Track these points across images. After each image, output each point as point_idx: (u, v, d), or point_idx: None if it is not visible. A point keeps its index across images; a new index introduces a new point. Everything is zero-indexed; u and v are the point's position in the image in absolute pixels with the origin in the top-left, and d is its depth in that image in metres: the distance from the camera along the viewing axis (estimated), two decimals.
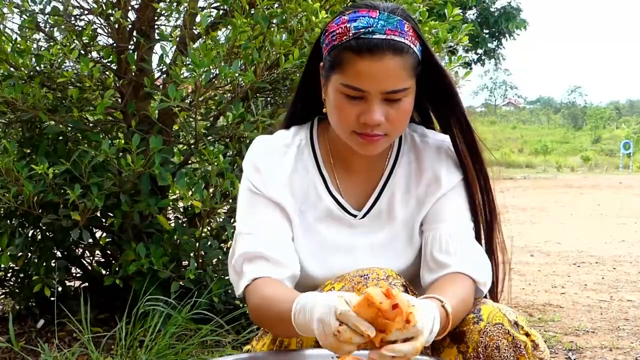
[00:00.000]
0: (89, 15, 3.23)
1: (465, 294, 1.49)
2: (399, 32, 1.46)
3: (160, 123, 3.13)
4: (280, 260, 1.54)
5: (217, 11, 3.29)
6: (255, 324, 1.56)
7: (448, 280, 1.52)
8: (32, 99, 2.92)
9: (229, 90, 3.20)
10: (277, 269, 1.53)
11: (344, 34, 1.47)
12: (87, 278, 3.59)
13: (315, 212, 1.63)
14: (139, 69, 3.20)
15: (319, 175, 1.64)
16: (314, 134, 1.67)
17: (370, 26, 1.45)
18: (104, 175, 2.98)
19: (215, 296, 3.07)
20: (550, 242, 7.64)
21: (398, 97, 1.47)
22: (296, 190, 1.62)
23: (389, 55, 1.44)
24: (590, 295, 4.80)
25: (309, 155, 1.65)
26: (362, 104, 1.47)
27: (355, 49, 1.45)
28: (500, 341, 1.42)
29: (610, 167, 30.48)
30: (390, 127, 1.50)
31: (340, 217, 1.63)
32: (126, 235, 3.16)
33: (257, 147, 1.67)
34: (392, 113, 1.48)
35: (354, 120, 1.48)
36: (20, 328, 3.32)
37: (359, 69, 1.44)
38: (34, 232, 3.37)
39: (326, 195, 1.63)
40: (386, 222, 1.64)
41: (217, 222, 3.38)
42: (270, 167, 1.62)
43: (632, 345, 3.54)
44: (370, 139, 1.50)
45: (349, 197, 1.65)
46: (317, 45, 1.61)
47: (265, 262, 1.53)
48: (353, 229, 1.63)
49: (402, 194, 1.65)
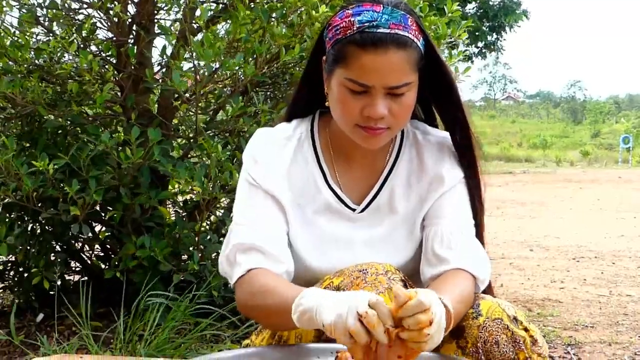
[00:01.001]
0: (88, 9, 3.23)
1: (466, 291, 1.49)
2: (403, 26, 1.47)
3: (160, 117, 3.13)
4: (276, 254, 1.55)
5: (216, 5, 3.29)
6: (243, 313, 1.55)
7: (449, 277, 1.52)
8: (32, 94, 2.91)
9: (229, 84, 3.20)
10: (273, 262, 1.53)
11: (348, 28, 1.47)
12: (87, 272, 3.60)
13: (314, 205, 1.63)
14: (139, 63, 3.20)
15: (318, 168, 1.64)
16: (315, 127, 1.68)
17: (374, 20, 1.45)
18: (103, 168, 2.98)
19: (215, 290, 3.07)
20: (550, 237, 7.65)
21: (401, 92, 1.48)
22: (295, 182, 1.62)
23: (393, 49, 1.44)
24: (590, 290, 4.81)
25: (308, 147, 1.66)
26: (365, 98, 1.47)
27: (359, 43, 1.45)
28: (499, 336, 1.42)
29: (609, 162, 30.52)
30: (393, 121, 1.50)
31: (339, 210, 1.63)
32: (126, 229, 3.17)
33: (257, 139, 1.67)
34: (395, 107, 1.48)
35: (357, 113, 1.49)
36: (19, 322, 3.33)
37: (363, 63, 1.45)
38: (34, 226, 3.37)
39: (325, 188, 1.63)
40: (386, 216, 1.64)
41: (217, 216, 3.38)
42: (269, 159, 1.62)
43: (630, 339, 3.54)
44: (373, 132, 1.50)
45: (348, 191, 1.65)
46: (320, 39, 1.61)
47: (260, 254, 1.54)
48: (352, 223, 1.63)
49: (403, 189, 1.65)
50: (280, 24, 3.03)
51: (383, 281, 1.43)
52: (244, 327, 3.06)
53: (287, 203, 1.61)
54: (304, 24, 2.96)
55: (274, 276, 1.50)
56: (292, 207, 1.61)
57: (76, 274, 3.69)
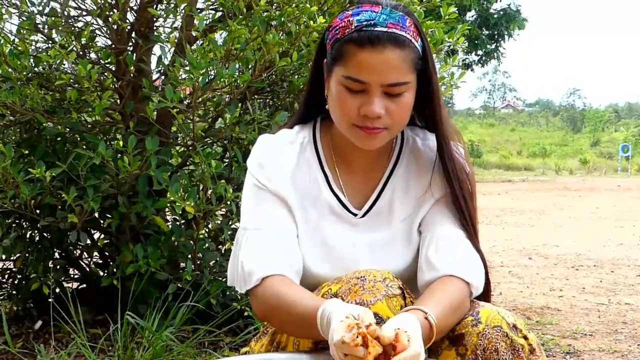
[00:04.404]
0: (88, 16, 3.23)
1: (456, 300, 1.48)
2: (401, 26, 1.48)
3: (159, 124, 3.13)
4: (290, 256, 1.55)
5: (214, 12, 3.29)
6: (265, 321, 1.55)
7: (440, 284, 1.51)
8: (31, 101, 2.91)
9: (227, 92, 3.20)
10: (287, 266, 1.53)
11: (346, 27, 1.49)
12: (85, 279, 3.59)
13: (317, 209, 1.63)
14: (138, 70, 3.20)
15: (321, 172, 1.65)
16: (317, 132, 1.68)
17: (372, 19, 1.47)
18: (102, 176, 2.98)
19: (213, 298, 3.07)
20: (549, 245, 7.65)
21: (399, 91, 1.48)
22: (298, 186, 1.62)
23: (390, 47, 1.46)
24: (588, 299, 4.80)
25: (311, 152, 1.66)
26: (363, 97, 1.48)
27: (357, 41, 1.46)
28: (498, 344, 1.42)
29: (608, 170, 30.57)
30: (391, 121, 1.50)
31: (341, 214, 1.63)
32: (124, 236, 3.16)
33: (260, 144, 1.67)
34: (392, 107, 1.49)
35: (354, 112, 1.49)
36: (17, 329, 3.32)
37: (360, 60, 1.46)
38: (32, 233, 3.36)
39: (328, 192, 1.63)
40: (386, 221, 1.64)
41: (215, 224, 3.37)
42: (273, 162, 1.62)
43: (629, 348, 3.54)
44: (370, 131, 1.50)
45: (350, 195, 1.65)
46: (321, 43, 1.62)
47: (275, 259, 1.53)
48: (354, 227, 1.63)
49: (402, 193, 1.65)
50: (276, 32, 3.03)
51: (381, 288, 1.43)
52: (243, 334, 3.05)
53: (294, 205, 1.61)
54: (301, 33, 2.97)
55: (290, 285, 1.50)
56: (298, 209, 1.61)
57: (74, 281, 3.68)
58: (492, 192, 16.14)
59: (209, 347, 3.03)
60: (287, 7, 2.99)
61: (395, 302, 1.43)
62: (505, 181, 21.86)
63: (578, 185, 19.73)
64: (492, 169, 30.82)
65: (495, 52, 21.16)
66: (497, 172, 28.13)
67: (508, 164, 33.04)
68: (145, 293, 3.06)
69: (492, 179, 22.90)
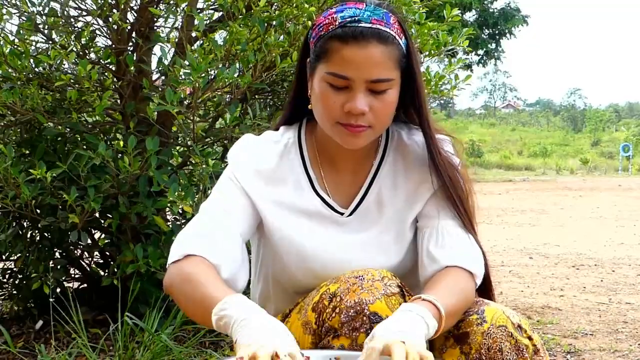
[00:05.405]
0: (88, 16, 3.23)
1: (462, 286, 1.49)
2: (385, 22, 1.48)
3: (159, 124, 3.13)
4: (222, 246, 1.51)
5: (213, 12, 3.29)
6: (170, 294, 1.53)
7: (444, 274, 1.52)
8: (31, 101, 2.92)
9: (228, 92, 3.20)
10: (216, 253, 1.49)
11: (330, 24, 1.49)
12: (86, 279, 3.59)
13: (300, 211, 1.62)
14: (138, 70, 3.20)
15: (305, 174, 1.64)
16: (302, 134, 1.68)
17: (356, 16, 1.47)
18: (102, 177, 2.98)
19: None
20: (549, 245, 7.64)
21: (382, 88, 1.48)
22: (279, 186, 1.62)
23: (374, 43, 1.45)
24: (589, 298, 4.80)
25: (295, 153, 1.65)
26: (346, 94, 1.47)
27: (340, 37, 1.46)
28: (503, 343, 1.42)
29: (609, 170, 30.53)
30: (375, 119, 1.50)
31: (327, 215, 1.62)
32: (124, 236, 3.17)
33: (242, 141, 1.68)
34: (376, 104, 1.48)
35: (338, 110, 1.48)
36: (18, 329, 3.32)
37: (344, 56, 1.45)
38: (32, 233, 3.37)
39: (312, 194, 1.63)
40: (375, 219, 1.63)
41: None
42: (250, 160, 1.62)
43: (630, 347, 3.54)
44: (354, 129, 1.49)
45: (336, 196, 1.64)
46: (305, 42, 1.62)
47: (207, 243, 1.50)
48: (341, 227, 1.63)
49: (389, 190, 1.64)
50: (277, 33, 3.03)
51: (379, 287, 1.43)
52: None
53: (263, 207, 1.60)
54: (301, 33, 2.97)
55: (207, 267, 1.46)
56: (274, 211, 1.61)
57: (75, 281, 3.69)
58: (492, 191, 16.13)
59: (209, 347, 3.03)
60: (286, 7, 2.99)
61: (394, 301, 1.43)
62: (506, 181, 21.85)
63: (579, 185, 19.71)
64: (492, 168, 30.78)
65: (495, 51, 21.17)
66: (497, 172, 28.11)
67: (509, 164, 33.00)
68: (146, 293, 3.07)
69: (493, 178, 22.88)
